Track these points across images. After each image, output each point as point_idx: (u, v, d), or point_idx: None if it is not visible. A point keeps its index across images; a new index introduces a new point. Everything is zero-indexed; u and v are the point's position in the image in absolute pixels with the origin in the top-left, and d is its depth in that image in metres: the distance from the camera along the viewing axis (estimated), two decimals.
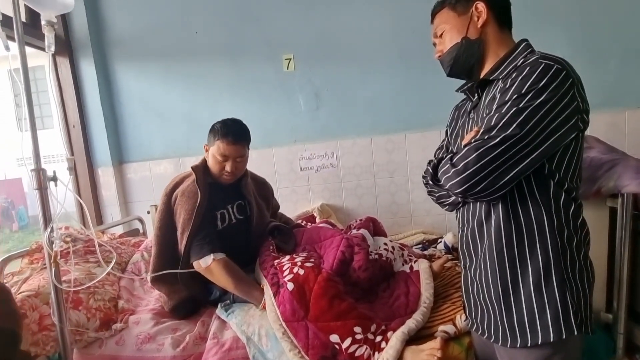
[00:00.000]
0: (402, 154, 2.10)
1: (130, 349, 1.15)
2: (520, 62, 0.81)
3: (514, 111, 0.74)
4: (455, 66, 0.91)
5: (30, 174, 0.94)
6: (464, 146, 0.79)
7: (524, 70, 0.76)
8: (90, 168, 2.16)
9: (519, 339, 0.82)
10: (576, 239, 0.81)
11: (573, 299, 0.79)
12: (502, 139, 0.73)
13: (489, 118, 0.78)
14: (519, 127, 0.73)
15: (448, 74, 0.95)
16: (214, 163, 1.33)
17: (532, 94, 0.73)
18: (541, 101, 0.73)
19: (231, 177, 1.35)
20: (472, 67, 0.91)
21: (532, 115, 0.73)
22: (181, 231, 1.29)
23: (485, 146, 0.75)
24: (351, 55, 2.07)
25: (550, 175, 0.79)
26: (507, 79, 0.80)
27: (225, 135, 1.31)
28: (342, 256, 1.24)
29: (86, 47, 2.09)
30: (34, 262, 1.37)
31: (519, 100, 0.74)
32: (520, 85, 0.75)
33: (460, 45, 0.88)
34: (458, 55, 0.89)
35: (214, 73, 2.14)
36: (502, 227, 0.82)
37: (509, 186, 0.77)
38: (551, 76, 0.73)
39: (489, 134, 0.75)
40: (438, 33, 0.92)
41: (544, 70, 0.74)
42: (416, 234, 2.04)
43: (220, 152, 1.31)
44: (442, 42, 0.92)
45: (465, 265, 0.96)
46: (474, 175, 0.76)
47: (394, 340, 1.01)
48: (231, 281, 1.22)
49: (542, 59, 0.76)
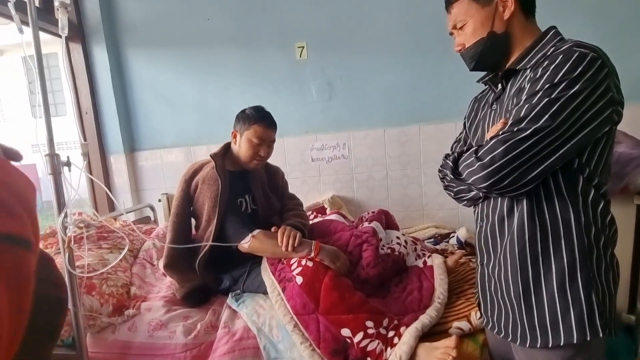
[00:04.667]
0: (415, 146, 2.06)
1: (143, 336, 1.15)
2: (551, 50, 0.76)
3: (545, 102, 0.70)
4: (480, 62, 0.86)
5: (44, 159, 0.94)
6: (490, 138, 0.75)
7: (557, 59, 0.72)
8: (102, 155, 2.17)
9: (540, 339, 0.79)
10: (604, 238, 0.78)
11: (599, 299, 0.76)
12: (532, 131, 0.69)
13: (518, 109, 0.73)
14: (551, 119, 0.69)
15: (472, 68, 0.90)
16: (248, 147, 1.33)
17: (565, 83, 0.69)
18: (575, 91, 0.68)
19: (262, 162, 1.38)
20: (499, 61, 0.86)
21: (565, 106, 0.69)
22: (207, 219, 1.30)
23: (514, 139, 0.71)
24: (365, 44, 2.02)
25: (579, 170, 0.75)
26: (537, 68, 0.75)
27: (263, 118, 1.33)
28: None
29: (99, 33, 2.08)
30: (47, 246, 1.38)
31: (551, 90, 0.70)
32: (553, 74, 0.71)
33: (487, 40, 0.83)
34: (484, 51, 0.84)
35: (226, 61, 2.12)
36: (526, 223, 0.78)
37: (536, 181, 0.73)
38: (586, 65, 0.69)
39: (518, 126, 0.71)
40: (458, 25, 0.86)
41: (578, 58, 0.69)
42: (428, 228, 2.01)
43: (258, 135, 1.32)
44: (463, 35, 0.86)
45: (483, 262, 0.93)
46: (501, 169, 0.72)
47: (407, 336, 0.99)
48: (277, 245, 1.23)
49: (576, 47, 0.72)
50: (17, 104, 8.16)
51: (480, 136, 0.92)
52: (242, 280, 1.32)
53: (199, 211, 1.35)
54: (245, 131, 1.34)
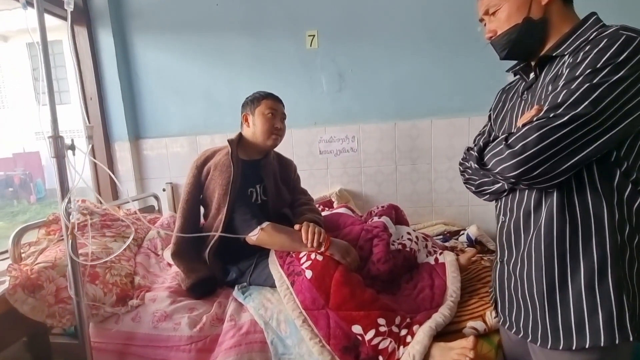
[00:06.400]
0: (426, 140, 2.01)
1: (147, 327, 1.12)
2: (594, 34, 0.71)
3: (586, 87, 0.65)
4: (514, 50, 0.81)
5: (47, 142, 0.90)
6: (522, 125, 0.71)
7: (601, 42, 0.67)
8: (107, 142, 2.13)
9: (562, 341, 0.75)
10: (638, 237, 0.73)
11: (629, 301, 0.72)
12: (570, 117, 0.65)
13: (555, 95, 0.68)
14: (592, 106, 0.64)
15: (503, 57, 0.84)
16: (263, 122, 1.33)
17: (609, 68, 0.64)
18: (619, 77, 0.63)
19: (280, 136, 1.38)
20: (533, 50, 0.81)
21: (608, 93, 0.64)
22: (217, 207, 1.27)
23: (549, 125, 0.66)
24: (378, 34, 1.96)
25: (616, 163, 0.70)
26: (577, 52, 0.70)
27: (270, 94, 1.39)
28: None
29: (105, 17, 2.03)
30: (50, 233, 1.35)
31: (592, 76, 0.65)
32: (596, 58, 0.66)
33: (522, 26, 0.78)
34: (518, 38, 0.79)
35: (234, 48, 2.06)
36: (555, 218, 0.74)
37: (570, 172, 0.69)
38: (633, 50, 0.64)
39: (554, 112, 0.66)
40: (490, 10, 0.81)
41: (625, 42, 0.64)
42: (437, 225, 1.97)
43: (269, 106, 1.35)
44: (496, 21, 0.81)
45: (503, 259, 0.89)
46: (533, 157, 0.67)
47: (421, 335, 0.95)
48: (286, 238, 1.22)
49: (622, 30, 0.66)
50: (21, 91, 8.14)
51: (508, 127, 0.87)
52: (249, 272, 1.29)
53: (208, 199, 1.32)
54: (257, 108, 1.35)
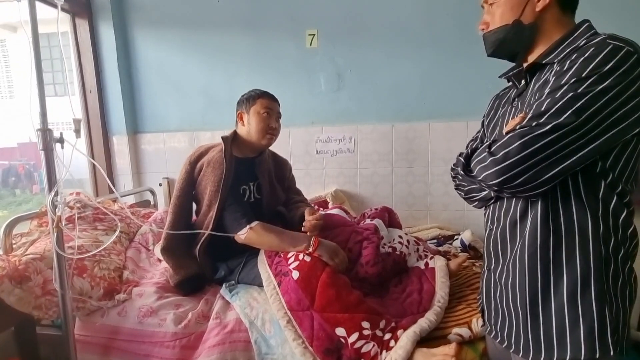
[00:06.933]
0: (424, 143, 2.00)
1: (132, 321, 1.13)
2: (582, 43, 0.70)
3: (570, 97, 0.64)
4: (499, 50, 0.81)
5: (36, 134, 0.90)
6: (506, 133, 0.70)
7: (587, 51, 0.65)
8: (105, 135, 2.14)
9: (543, 353, 0.74)
10: (623, 250, 0.72)
11: (612, 315, 0.70)
12: (552, 127, 0.64)
13: (539, 103, 0.67)
14: (575, 115, 0.63)
15: (489, 55, 0.85)
16: (258, 121, 1.33)
17: (594, 78, 0.63)
18: (604, 87, 0.62)
19: (274, 135, 1.37)
20: (518, 52, 0.81)
21: (592, 102, 0.62)
22: (208, 203, 1.27)
23: (531, 134, 0.65)
24: (378, 35, 1.95)
25: (602, 175, 0.69)
26: (564, 61, 0.69)
27: (265, 93, 1.38)
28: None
29: (106, 10, 2.03)
30: (42, 224, 1.36)
31: (577, 85, 0.64)
32: (581, 67, 0.65)
33: (510, 29, 0.77)
34: (505, 38, 0.78)
35: (234, 45, 2.06)
36: (539, 228, 0.73)
37: (552, 182, 0.68)
38: (619, 59, 0.62)
39: (537, 121, 0.65)
40: (490, 0, 0.81)
41: (611, 52, 0.63)
42: (431, 229, 1.95)
43: (265, 105, 1.34)
44: (491, 14, 0.80)
45: (490, 268, 0.88)
46: (515, 166, 0.66)
47: (404, 340, 0.95)
48: (274, 238, 1.21)
49: (609, 39, 0.65)
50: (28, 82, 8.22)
51: (498, 134, 0.86)
52: (237, 270, 1.29)
53: (200, 195, 1.32)
54: (252, 107, 1.34)
